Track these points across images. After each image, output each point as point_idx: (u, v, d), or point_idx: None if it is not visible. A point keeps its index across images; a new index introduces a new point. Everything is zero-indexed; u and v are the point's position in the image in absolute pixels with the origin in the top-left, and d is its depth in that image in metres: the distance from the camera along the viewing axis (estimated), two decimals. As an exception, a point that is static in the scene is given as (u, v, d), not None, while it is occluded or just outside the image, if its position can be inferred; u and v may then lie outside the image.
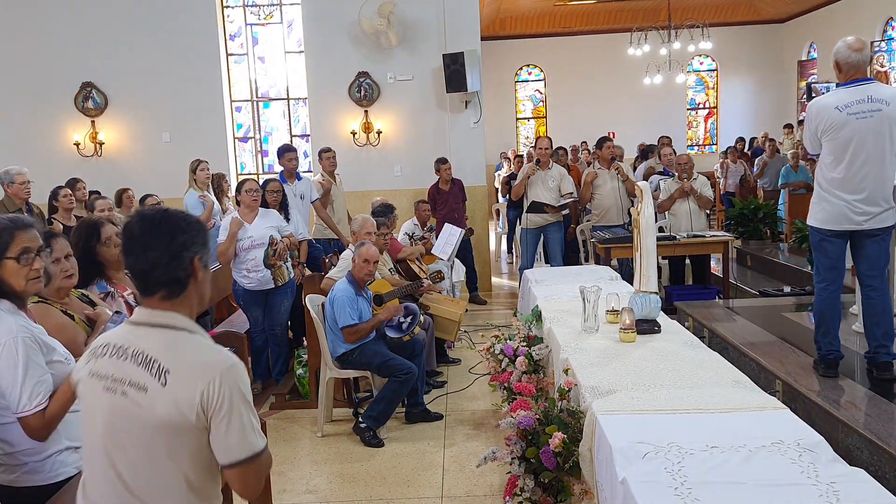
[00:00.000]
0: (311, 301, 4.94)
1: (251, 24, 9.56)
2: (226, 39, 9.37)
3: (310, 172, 8.92)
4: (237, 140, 9.62)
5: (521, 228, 7.77)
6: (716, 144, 18.33)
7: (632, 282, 4.24)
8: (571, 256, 8.41)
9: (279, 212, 5.80)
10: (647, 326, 3.75)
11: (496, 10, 15.68)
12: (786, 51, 17.53)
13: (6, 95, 8.97)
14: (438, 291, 5.94)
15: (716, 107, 18.46)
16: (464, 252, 8.07)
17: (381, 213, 6.10)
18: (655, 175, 7.92)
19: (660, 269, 7.29)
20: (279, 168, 7.08)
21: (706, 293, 6.69)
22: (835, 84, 3.88)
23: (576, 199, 7.59)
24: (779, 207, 10.03)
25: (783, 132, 14.36)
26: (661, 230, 6.71)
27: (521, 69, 18.49)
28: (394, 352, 4.79)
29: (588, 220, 7.98)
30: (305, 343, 5.53)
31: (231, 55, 9.48)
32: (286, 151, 6.90)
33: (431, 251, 6.94)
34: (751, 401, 2.75)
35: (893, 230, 3.82)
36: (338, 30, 8.79)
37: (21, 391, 2.19)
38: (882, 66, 12.96)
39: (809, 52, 16.71)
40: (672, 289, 7.04)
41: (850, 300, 4.96)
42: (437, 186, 8.17)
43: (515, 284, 8.74)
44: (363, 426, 4.64)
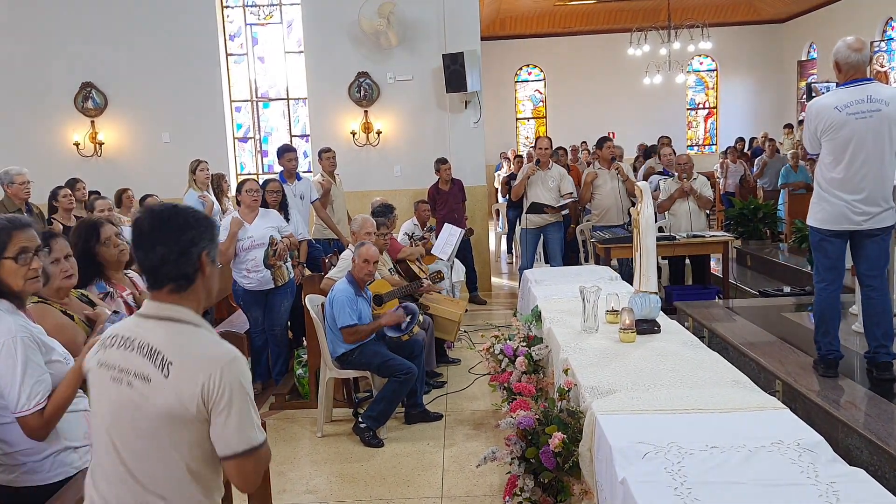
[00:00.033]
0: (311, 301, 4.94)
1: (251, 25, 9.56)
2: (225, 39, 9.37)
3: (309, 172, 8.92)
4: (237, 140, 9.62)
5: (521, 228, 7.76)
6: (715, 144, 18.33)
7: (632, 282, 4.23)
8: (571, 256, 8.41)
9: (279, 212, 5.80)
10: (647, 326, 3.74)
11: (496, 10, 15.68)
12: (785, 51, 17.52)
13: (6, 95, 8.96)
14: (438, 291, 5.94)
15: (715, 107, 18.46)
16: (463, 252, 8.06)
17: (381, 214, 6.10)
18: (655, 175, 7.92)
19: (660, 269, 7.28)
20: (279, 168, 7.08)
21: (706, 293, 6.69)
22: (835, 84, 3.87)
23: (575, 200, 7.58)
24: (778, 207, 10.03)
25: (783, 132, 14.36)
26: (661, 230, 6.70)
27: (521, 69, 18.49)
28: (393, 352, 4.79)
29: (588, 220, 7.97)
30: (305, 343, 5.53)
31: (231, 55, 9.48)
32: (286, 151, 6.90)
33: (431, 251, 6.94)
34: (751, 401, 2.75)
35: (893, 230, 3.82)
36: (338, 30, 8.79)
37: (20, 391, 2.19)
38: (882, 67, 12.97)
39: (809, 53, 16.71)
40: (672, 289, 7.04)
41: (850, 300, 4.96)
42: (437, 186, 8.17)
43: (515, 284, 8.74)
44: (363, 426, 4.64)
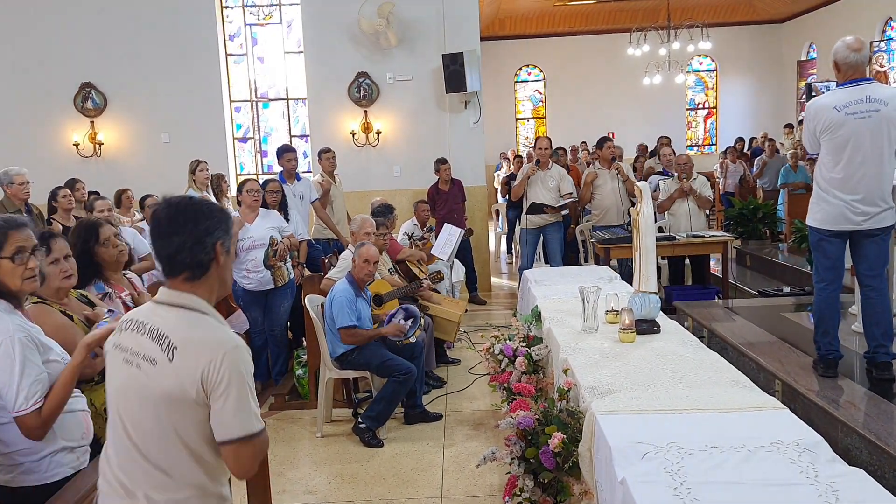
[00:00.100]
0: (311, 301, 4.94)
1: (250, 25, 9.56)
2: (225, 40, 9.37)
3: (309, 173, 8.92)
4: (236, 140, 9.61)
5: (521, 229, 7.76)
6: (715, 144, 18.32)
7: (631, 282, 4.23)
8: (571, 256, 8.41)
9: (278, 212, 5.80)
10: (647, 326, 3.74)
11: (496, 11, 15.68)
12: (785, 51, 17.52)
13: (5, 96, 8.96)
14: (438, 292, 5.93)
15: (715, 107, 18.45)
16: (463, 252, 8.06)
17: (381, 214, 6.10)
18: (655, 175, 7.92)
19: (659, 270, 7.28)
20: (278, 168, 7.08)
21: (706, 293, 6.69)
22: (835, 83, 3.87)
23: (575, 200, 7.58)
24: (778, 207, 10.02)
25: (783, 132, 14.37)
26: (661, 230, 6.71)
27: (521, 69, 18.47)
28: (393, 352, 4.79)
29: (588, 221, 7.97)
30: (305, 343, 5.53)
31: (230, 55, 9.47)
32: (285, 152, 6.90)
33: (431, 251, 6.94)
34: (750, 401, 2.75)
35: (892, 230, 3.82)
36: (337, 30, 8.79)
37: (18, 390, 2.20)
38: (881, 67, 12.96)
39: (809, 52, 16.70)
40: (671, 289, 7.03)
41: (850, 300, 4.96)
42: (437, 187, 8.17)
43: (515, 285, 8.74)
44: (363, 426, 4.64)
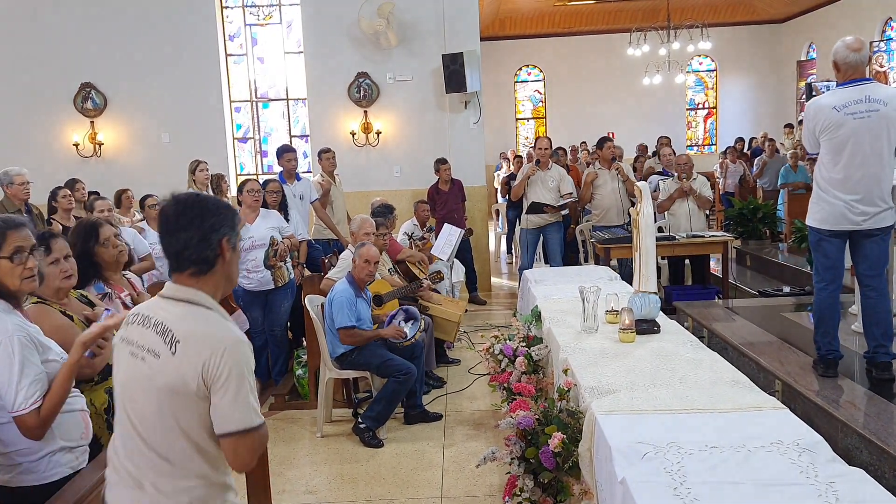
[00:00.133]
0: (311, 301, 4.94)
1: (250, 25, 9.56)
2: (225, 40, 9.37)
3: (309, 173, 8.92)
4: (236, 140, 9.61)
5: (521, 229, 7.76)
6: (715, 144, 18.32)
7: (631, 282, 4.23)
8: (571, 257, 8.41)
9: (278, 212, 5.80)
10: (647, 326, 3.74)
11: (496, 11, 15.68)
12: (785, 51, 17.52)
13: (6, 96, 8.96)
14: (438, 292, 5.93)
15: (715, 107, 18.45)
16: (463, 252, 8.06)
17: (381, 214, 6.10)
18: (655, 175, 7.92)
19: (659, 270, 7.28)
20: (278, 168, 7.08)
21: (705, 293, 6.69)
22: (835, 83, 3.87)
23: (575, 200, 7.58)
24: (778, 207, 10.02)
25: (783, 132, 14.36)
26: (661, 230, 6.71)
27: (521, 69, 18.48)
28: (393, 352, 4.79)
29: (588, 221, 7.97)
30: (305, 343, 5.53)
31: (230, 55, 9.48)
32: (285, 152, 6.90)
33: (431, 251, 6.94)
34: (750, 401, 2.75)
35: (892, 230, 3.82)
36: (337, 30, 8.79)
37: (17, 390, 2.20)
38: (881, 67, 12.97)
39: (808, 52, 16.70)
40: (671, 289, 7.03)
41: (850, 300, 4.96)
42: (437, 187, 8.17)
43: (515, 285, 8.74)
44: (363, 426, 4.64)
